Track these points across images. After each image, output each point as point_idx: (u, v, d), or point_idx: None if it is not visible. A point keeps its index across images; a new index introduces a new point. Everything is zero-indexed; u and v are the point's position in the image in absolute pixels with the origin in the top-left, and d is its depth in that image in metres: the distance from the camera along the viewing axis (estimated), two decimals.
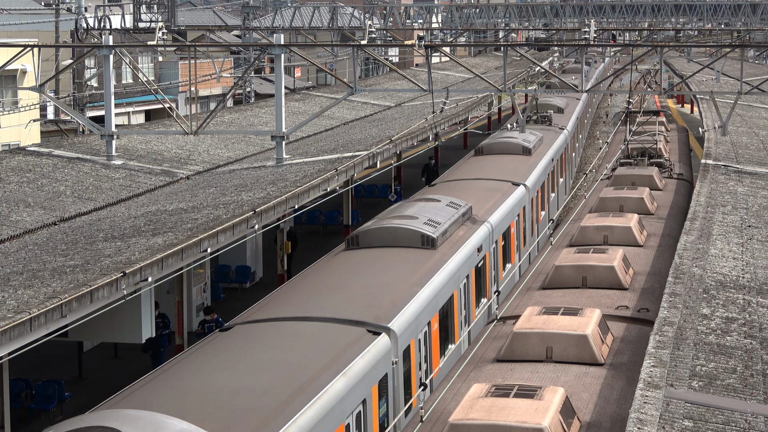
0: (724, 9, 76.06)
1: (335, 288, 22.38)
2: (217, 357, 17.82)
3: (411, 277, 23.48)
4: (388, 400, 19.89)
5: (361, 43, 41.23)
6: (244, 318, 20.85)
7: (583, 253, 24.52)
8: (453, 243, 26.80)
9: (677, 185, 36.95)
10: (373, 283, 22.76)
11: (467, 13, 79.11)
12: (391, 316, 20.80)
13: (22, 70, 60.90)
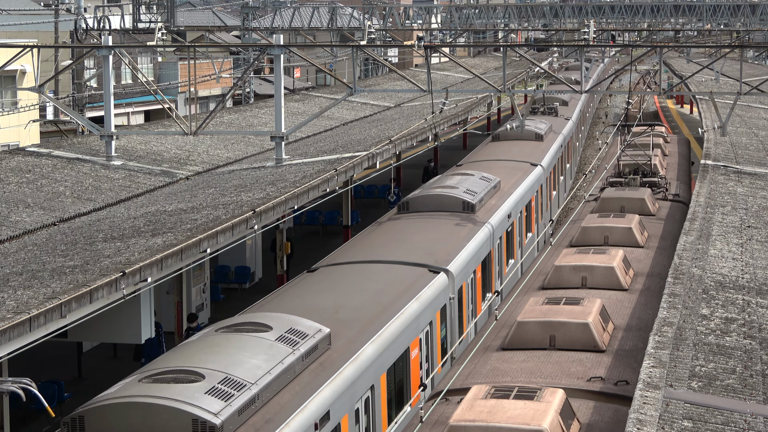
0: (723, 9, 76.07)
1: (396, 241, 26.86)
2: (315, 287, 22.42)
3: (457, 235, 27.91)
4: (446, 326, 24.57)
5: (360, 44, 41.26)
6: (325, 263, 25.14)
7: (551, 305, 20.36)
8: (488, 209, 31.23)
9: (671, 209, 32.93)
10: (427, 237, 27.23)
11: (466, 14, 79.10)
12: (447, 261, 25.36)
13: (22, 70, 60.89)
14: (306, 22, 74.42)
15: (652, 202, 31.82)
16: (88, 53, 45.49)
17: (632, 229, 27.20)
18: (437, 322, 23.45)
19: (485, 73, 78.78)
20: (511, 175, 36.59)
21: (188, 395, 14.46)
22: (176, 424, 14.03)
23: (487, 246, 29.06)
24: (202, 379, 15.00)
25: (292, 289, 22.42)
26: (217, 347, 16.54)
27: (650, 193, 32.28)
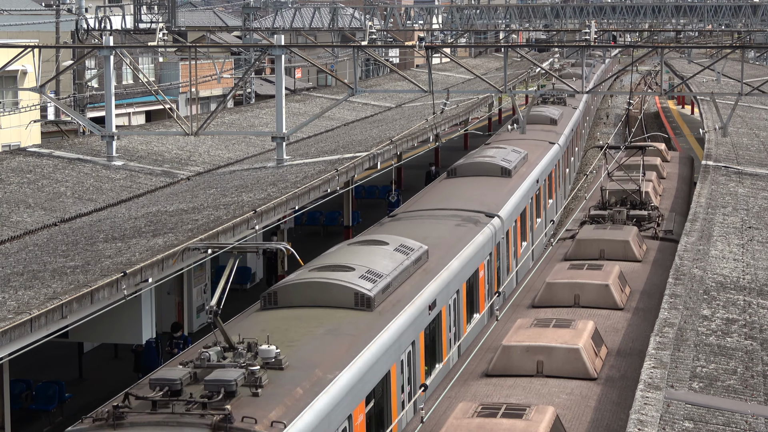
0: (724, 10, 76.06)
1: (455, 196, 32.62)
2: (402, 225, 28.55)
3: (500, 192, 33.62)
4: (500, 261, 30.40)
5: (361, 44, 41.27)
6: (400, 211, 31.78)
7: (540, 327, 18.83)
8: (521, 175, 36.89)
9: (662, 252, 27.09)
10: (476, 194, 32.83)
11: (468, 14, 79.09)
12: (498, 209, 31.20)
13: (23, 70, 60.92)
14: (307, 22, 74.43)
15: (639, 245, 26.57)
16: (89, 53, 45.50)
17: (610, 287, 21.79)
18: (494, 255, 29.62)
19: (486, 74, 78.79)
20: (535, 150, 42.54)
21: (348, 278, 20.70)
22: (343, 296, 20.34)
23: (523, 203, 34.96)
24: (353, 270, 21.10)
25: (384, 227, 28.51)
26: (356, 253, 22.63)
27: (636, 233, 27.05)
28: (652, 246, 27.41)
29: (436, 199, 32.44)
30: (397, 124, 47.53)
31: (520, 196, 34.21)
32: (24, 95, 60.69)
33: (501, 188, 34.06)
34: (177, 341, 28.38)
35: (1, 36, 65.96)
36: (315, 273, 21.00)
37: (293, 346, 17.59)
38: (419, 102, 60.64)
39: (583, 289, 19.12)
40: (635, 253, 25.75)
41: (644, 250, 26.65)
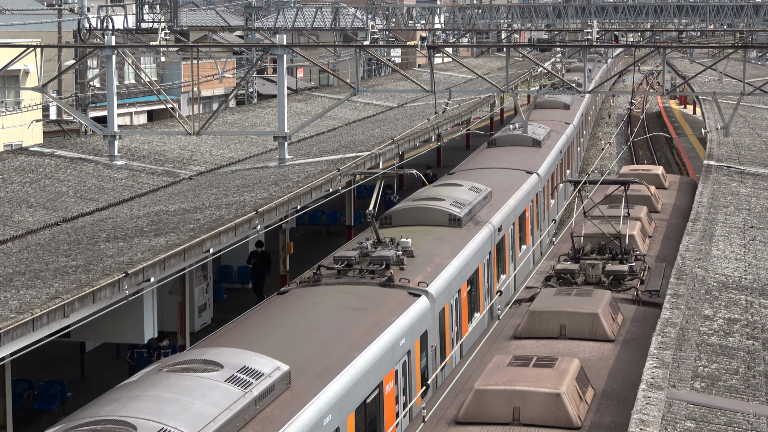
0: (726, 10, 76.04)
1: (497, 160, 39.60)
2: (465, 176, 35.60)
3: (534, 157, 40.99)
4: (539, 207, 38.10)
5: (363, 44, 41.27)
6: (458, 169, 38.67)
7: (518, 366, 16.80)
8: (548, 145, 44.62)
9: (642, 323, 20.76)
10: (516, 158, 39.86)
11: (470, 14, 79.08)
12: (535, 169, 38.43)
13: (25, 70, 60.93)
14: (309, 22, 74.43)
15: (612, 316, 20.20)
16: (91, 53, 45.51)
17: (562, 397, 15.89)
18: (535, 200, 37.18)
19: (488, 74, 78.77)
20: (556, 127, 50.23)
21: (442, 205, 28.53)
22: (440, 216, 28.00)
23: (552, 167, 42.70)
24: (444, 200, 28.70)
25: (453, 176, 36.18)
26: (442, 189, 30.43)
27: (609, 301, 20.48)
28: (631, 315, 21.28)
29: (485, 161, 39.93)
30: (399, 124, 47.54)
31: (550, 161, 41.97)
32: (26, 95, 60.70)
33: (534, 155, 41.64)
34: (165, 351, 27.97)
35: (4, 35, 65.99)
36: (417, 202, 28.98)
37: (415, 246, 25.05)
38: (421, 102, 60.65)
39: (525, 399, 15.44)
40: (606, 331, 19.61)
41: (620, 322, 20.41)
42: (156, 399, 14.35)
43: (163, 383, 14.93)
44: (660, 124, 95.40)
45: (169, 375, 15.29)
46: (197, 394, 14.63)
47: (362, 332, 19.68)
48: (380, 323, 20.39)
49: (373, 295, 21.88)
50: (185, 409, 14.13)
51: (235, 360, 15.85)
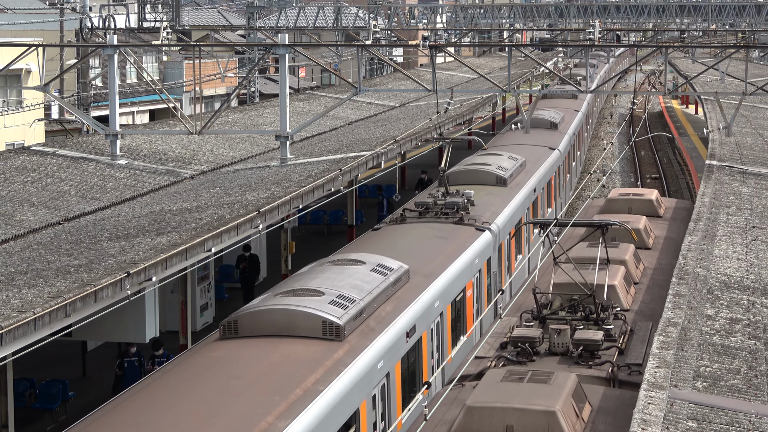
0: (728, 10, 76.03)
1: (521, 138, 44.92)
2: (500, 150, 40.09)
3: (553, 137, 47.53)
4: (560, 178, 44.75)
5: (365, 44, 41.26)
6: (490, 144, 43.82)
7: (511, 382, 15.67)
8: (563, 127, 50.72)
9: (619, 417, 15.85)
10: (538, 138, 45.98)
11: (472, 14, 79.09)
12: (557, 146, 45.05)
13: (27, 69, 60.94)
14: (311, 21, 74.46)
15: (573, 414, 15.17)
16: (93, 52, 45.52)
17: None
18: (557, 172, 43.77)
19: (490, 73, 78.73)
20: (568, 113, 56.45)
21: (489, 168, 35.58)
22: (486, 176, 34.73)
23: (569, 145, 48.43)
24: (490, 165, 35.69)
25: (491, 149, 40.92)
26: (490, 158, 36.82)
27: (572, 391, 15.50)
28: (603, 402, 16.28)
29: (512, 139, 46.12)
30: (401, 124, 47.53)
31: (567, 141, 48.09)
32: (28, 94, 60.72)
33: (553, 135, 47.84)
34: (159, 359, 26.69)
35: (6, 35, 66.01)
36: (462, 166, 35.97)
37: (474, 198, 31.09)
38: (423, 101, 60.64)
39: None
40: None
41: (586, 418, 15.51)
42: (331, 278, 20.78)
43: (331, 270, 21.49)
44: (662, 123, 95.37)
45: (332, 267, 21.78)
46: (356, 277, 21.23)
47: (448, 252, 26.19)
48: (459, 247, 26.82)
49: (449, 229, 28.24)
50: (351, 284, 20.69)
51: (372, 260, 22.52)
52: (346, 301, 19.66)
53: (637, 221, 27.05)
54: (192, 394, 16.04)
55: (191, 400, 15.80)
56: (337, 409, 16.89)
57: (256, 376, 16.83)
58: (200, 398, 15.90)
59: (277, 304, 18.95)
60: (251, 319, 18.83)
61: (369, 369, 18.66)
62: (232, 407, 15.64)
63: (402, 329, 20.82)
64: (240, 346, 18.16)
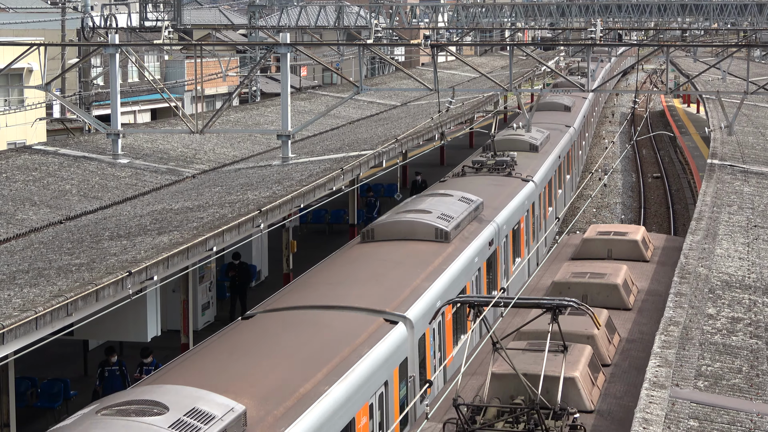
0: (730, 8, 75.98)
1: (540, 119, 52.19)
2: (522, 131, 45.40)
3: (568, 117, 55.31)
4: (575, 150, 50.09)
5: (367, 43, 41.27)
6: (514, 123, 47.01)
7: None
8: (576, 110, 57.10)
9: None
10: (554, 118, 53.29)
11: (473, 13, 79.06)
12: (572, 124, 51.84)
13: (29, 68, 60.98)
14: (313, 20, 74.43)
15: None
16: (94, 51, 45.52)
17: None
18: (572, 146, 50.05)
19: (492, 72, 78.72)
20: (578, 100, 61.06)
21: (524, 138, 43.18)
22: (522, 144, 42.90)
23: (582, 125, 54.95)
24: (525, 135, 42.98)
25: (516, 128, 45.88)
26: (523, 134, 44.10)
27: None
28: None
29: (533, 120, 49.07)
30: (403, 123, 47.53)
31: (580, 120, 54.17)
32: (30, 93, 60.73)
33: (567, 115, 54.67)
34: (147, 368, 26.20)
35: (7, 34, 66.02)
36: (502, 136, 43.96)
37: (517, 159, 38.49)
38: (424, 100, 60.64)
39: None
40: None
41: None
42: (432, 204, 29.51)
43: (430, 199, 30.10)
44: (663, 122, 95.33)
45: (430, 198, 30.73)
46: (449, 203, 29.89)
47: (506, 194, 34.00)
48: (513, 192, 34.52)
49: (503, 180, 36.14)
50: (447, 207, 29.37)
51: (457, 193, 30.99)
52: (447, 217, 27.40)
53: (616, 273, 21.65)
54: (357, 269, 23.50)
55: (360, 272, 23.22)
56: (453, 284, 24.51)
57: (396, 261, 24.32)
58: (365, 271, 23.31)
59: (402, 218, 26.93)
60: (383, 228, 26.68)
61: (468, 262, 26.20)
62: (390, 274, 23.13)
63: (486, 239, 28.66)
64: (378, 245, 25.81)
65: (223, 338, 18.78)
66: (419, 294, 22.47)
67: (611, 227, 26.55)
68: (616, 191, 61.19)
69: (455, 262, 25.63)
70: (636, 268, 24.30)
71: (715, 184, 33.20)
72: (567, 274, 22.02)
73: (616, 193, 60.52)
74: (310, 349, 18.02)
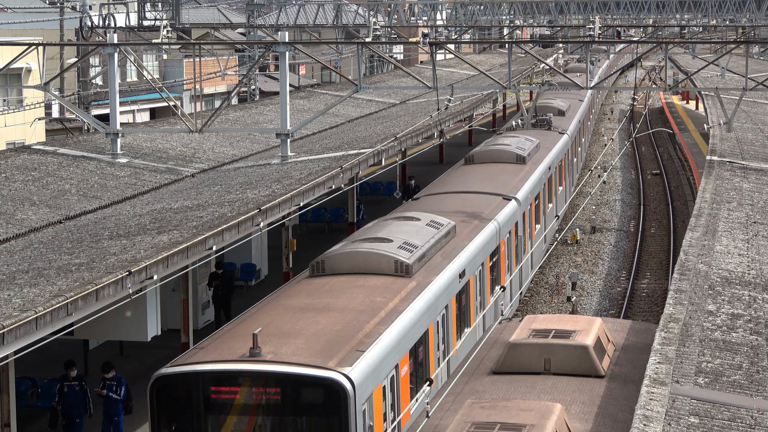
0: (728, 5, 75.99)
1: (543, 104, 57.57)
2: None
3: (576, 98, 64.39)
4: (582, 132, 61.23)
5: (365, 41, 41.27)
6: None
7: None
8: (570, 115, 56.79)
9: None
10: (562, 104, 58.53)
11: (472, 10, 79.06)
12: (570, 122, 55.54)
13: (27, 68, 60.94)
14: (311, 19, 74.40)
15: None
16: (93, 51, 45.51)
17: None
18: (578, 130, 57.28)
19: (490, 70, 78.72)
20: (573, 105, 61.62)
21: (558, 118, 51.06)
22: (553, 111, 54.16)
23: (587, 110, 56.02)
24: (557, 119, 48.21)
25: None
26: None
27: None
28: None
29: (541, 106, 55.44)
30: (402, 121, 47.53)
31: (575, 124, 55.20)
32: (28, 93, 60.72)
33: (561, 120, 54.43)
34: (110, 383, 25.31)
35: (6, 34, 66.01)
36: (537, 103, 54.30)
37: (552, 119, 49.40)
38: (423, 98, 60.63)
39: None
40: None
41: None
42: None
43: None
44: (662, 119, 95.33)
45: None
46: (521, 140, 41.16)
47: (551, 140, 45.70)
48: (555, 139, 46.59)
49: (545, 132, 47.76)
50: (518, 145, 39.19)
51: (522, 135, 42.27)
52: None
53: (546, 416, 14.74)
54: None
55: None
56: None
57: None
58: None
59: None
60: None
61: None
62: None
63: (547, 164, 40.94)
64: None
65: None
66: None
67: (553, 323, 19.19)
68: (615, 188, 61.21)
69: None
70: (583, 387, 17.09)
71: (715, 180, 33.21)
72: (467, 419, 14.88)
73: (616, 191, 60.54)
74: None
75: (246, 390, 17.90)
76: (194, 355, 18.78)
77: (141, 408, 24.71)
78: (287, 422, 18.08)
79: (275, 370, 17.85)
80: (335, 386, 17.70)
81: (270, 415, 18.01)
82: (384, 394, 19.25)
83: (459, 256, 25.98)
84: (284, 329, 19.44)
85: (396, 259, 23.30)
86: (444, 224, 27.06)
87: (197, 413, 18.16)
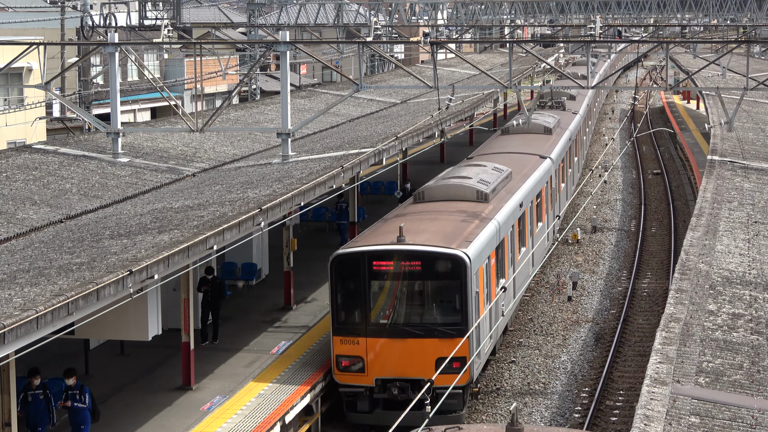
0: (729, 4, 75.97)
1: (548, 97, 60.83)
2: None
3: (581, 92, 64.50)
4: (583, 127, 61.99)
5: (366, 40, 41.26)
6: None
7: None
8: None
9: None
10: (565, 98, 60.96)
11: (473, 10, 79.07)
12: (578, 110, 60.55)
13: (28, 67, 60.95)
14: (312, 18, 74.42)
15: None
16: (94, 50, 45.51)
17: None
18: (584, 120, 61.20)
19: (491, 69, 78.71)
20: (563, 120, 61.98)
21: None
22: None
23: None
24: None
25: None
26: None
27: None
28: None
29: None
30: (403, 120, 47.52)
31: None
32: (29, 92, 60.72)
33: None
34: (72, 392, 24.49)
35: (7, 33, 66.02)
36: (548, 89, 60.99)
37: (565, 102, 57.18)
38: (424, 98, 60.62)
39: None
40: None
41: None
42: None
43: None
44: (663, 119, 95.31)
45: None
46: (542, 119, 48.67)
47: (566, 120, 51.31)
48: (570, 118, 52.30)
49: (560, 112, 53.46)
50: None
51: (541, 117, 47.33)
52: (549, 121, 46.67)
53: None
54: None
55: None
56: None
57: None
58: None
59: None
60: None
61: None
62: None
63: (568, 136, 48.20)
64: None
65: None
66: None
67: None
68: (616, 188, 61.21)
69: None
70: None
71: (716, 180, 33.20)
72: None
73: (617, 190, 60.53)
74: None
75: (397, 263, 26.71)
76: (357, 242, 28.09)
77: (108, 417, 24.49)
78: (426, 285, 27.15)
79: (418, 249, 26.88)
80: (458, 259, 26.66)
81: (414, 280, 27.02)
82: (484, 272, 28.07)
83: (518, 191, 34.57)
84: (412, 229, 28.02)
85: (477, 189, 32.21)
86: (504, 170, 35.98)
87: (363, 279, 26.93)
